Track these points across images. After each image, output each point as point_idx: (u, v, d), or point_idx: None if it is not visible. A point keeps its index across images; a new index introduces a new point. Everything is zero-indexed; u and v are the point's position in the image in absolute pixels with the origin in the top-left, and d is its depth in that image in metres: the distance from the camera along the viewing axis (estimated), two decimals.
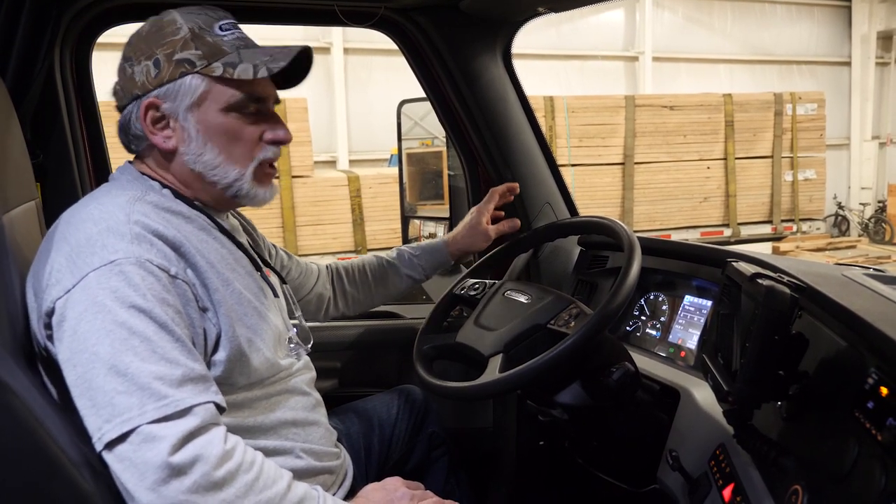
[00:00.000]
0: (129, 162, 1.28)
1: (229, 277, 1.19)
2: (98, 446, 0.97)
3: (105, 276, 1.02)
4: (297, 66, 1.27)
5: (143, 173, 1.23)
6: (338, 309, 1.79)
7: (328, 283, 1.76)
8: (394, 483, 1.28)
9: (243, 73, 1.18)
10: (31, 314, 1.11)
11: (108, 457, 0.97)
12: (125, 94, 1.21)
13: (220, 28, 1.21)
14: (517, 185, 1.95)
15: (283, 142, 1.27)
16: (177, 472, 0.95)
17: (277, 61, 1.19)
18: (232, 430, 1.14)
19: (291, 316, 1.45)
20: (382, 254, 1.85)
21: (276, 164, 1.32)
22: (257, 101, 1.24)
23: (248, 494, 1.00)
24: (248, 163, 1.24)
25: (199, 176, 1.23)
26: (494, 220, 1.90)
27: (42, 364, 1.11)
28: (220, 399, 1.07)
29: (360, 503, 1.26)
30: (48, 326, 1.06)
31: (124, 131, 1.24)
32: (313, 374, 1.42)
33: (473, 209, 1.88)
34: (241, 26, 1.27)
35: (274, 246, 1.65)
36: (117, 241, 1.06)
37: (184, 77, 1.18)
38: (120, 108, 1.24)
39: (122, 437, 0.96)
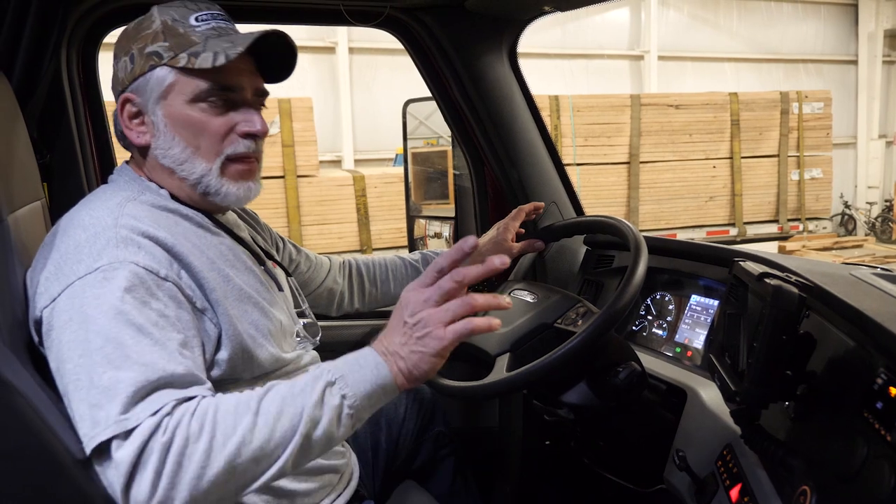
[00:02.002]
0: (126, 162, 1.27)
1: (229, 274, 1.18)
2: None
3: (90, 283, 1.01)
4: (284, 56, 1.23)
5: (141, 175, 1.22)
6: (353, 305, 1.77)
7: (340, 277, 1.74)
8: (404, 296, 1.08)
9: (204, 62, 1.14)
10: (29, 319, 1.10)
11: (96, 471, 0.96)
12: (115, 92, 1.22)
13: (196, 19, 1.18)
14: (543, 204, 1.92)
15: (256, 135, 1.21)
16: (134, 487, 0.92)
17: (236, 47, 1.14)
18: None
19: (297, 308, 1.44)
20: (406, 255, 1.83)
21: (254, 160, 1.24)
22: (227, 91, 1.18)
23: (210, 458, 0.92)
24: (215, 157, 1.19)
25: (170, 171, 1.20)
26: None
27: (46, 365, 1.10)
28: (204, 393, 1.00)
29: (377, 344, 1.06)
30: (38, 335, 1.05)
31: (117, 128, 1.25)
32: None
33: (500, 224, 1.83)
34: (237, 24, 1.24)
35: (282, 238, 1.63)
36: (103, 247, 1.04)
37: (153, 70, 1.16)
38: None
39: (95, 451, 0.94)
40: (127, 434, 0.92)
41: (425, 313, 1.01)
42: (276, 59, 1.24)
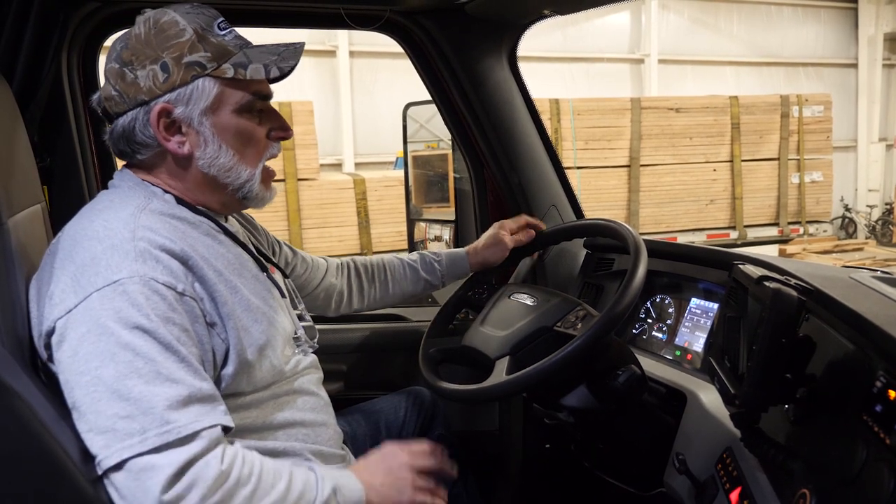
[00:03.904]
0: (126, 167, 1.24)
1: (237, 284, 1.18)
2: (98, 470, 0.96)
3: (108, 296, 1.01)
4: None
5: (144, 179, 1.21)
6: (351, 305, 1.77)
7: (337, 278, 1.74)
8: (391, 449, 1.30)
9: (255, 74, 1.17)
10: (33, 325, 1.10)
11: (107, 483, 0.97)
12: (126, 99, 1.15)
13: (219, 27, 1.19)
14: (543, 225, 1.89)
15: (288, 138, 1.28)
16: (175, 499, 0.95)
17: (287, 60, 1.19)
18: (241, 431, 1.14)
19: (296, 311, 1.44)
20: (404, 255, 1.83)
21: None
22: (263, 99, 1.23)
23: None
24: (258, 163, 1.24)
25: (212, 179, 1.21)
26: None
27: (47, 371, 1.10)
28: (228, 420, 1.06)
29: (358, 469, 1.25)
30: (48, 346, 1.05)
31: (126, 139, 1.18)
32: (321, 374, 1.41)
33: (496, 223, 1.84)
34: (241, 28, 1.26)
35: (278, 241, 1.63)
36: (121, 260, 1.04)
37: (195, 80, 1.15)
38: (114, 115, 1.18)
39: (121, 465, 0.95)
40: (182, 441, 0.97)
41: (409, 474, 1.25)
42: None
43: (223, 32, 1.19)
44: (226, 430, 1.06)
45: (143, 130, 1.17)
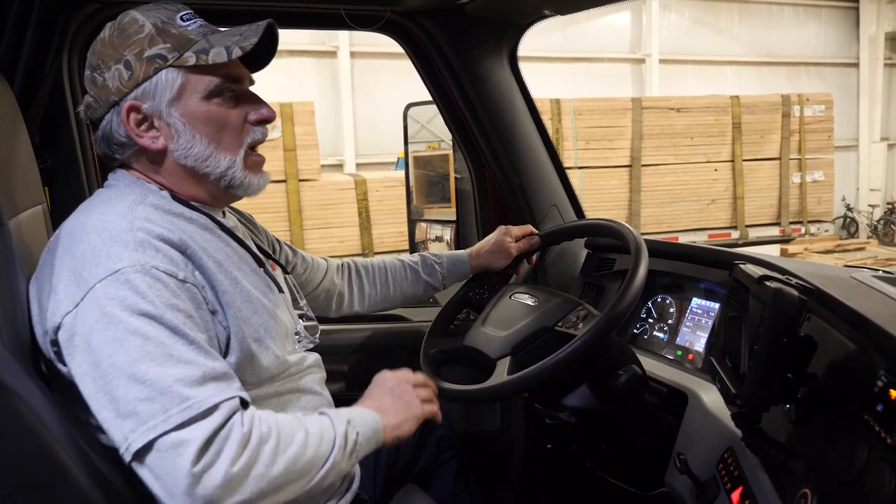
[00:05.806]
0: (121, 167, 1.25)
1: (237, 276, 1.19)
2: (127, 457, 0.97)
3: (112, 286, 1.01)
4: (266, 46, 1.25)
5: (139, 178, 1.22)
6: (352, 306, 1.77)
7: (338, 279, 1.75)
8: (382, 376, 1.34)
9: (217, 57, 1.15)
10: (34, 325, 1.10)
11: (138, 467, 0.97)
12: (101, 103, 1.19)
13: (182, 19, 1.19)
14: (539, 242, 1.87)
15: (268, 120, 1.25)
16: (206, 468, 0.96)
17: (248, 39, 1.18)
18: None
19: (297, 307, 1.44)
20: (405, 257, 1.84)
21: (260, 152, 1.29)
22: (235, 83, 1.21)
23: (275, 461, 1.02)
24: (238, 149, 1.23)
25: (191, 171, 1.21)
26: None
27: (49, 371, 1.10)
28: (244, 394, 1.06)
29: (363, 401, 1.28)
30: (55, 343, 1.05)
31: (106, 142, 1.21)
32: (324, 374, 1.41)
33: (501, 227, 1.85)
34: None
35: (278, 240, 1.63)
36: (121, 250, 1.05)
37: (158, 73, 1.16)
38: (95, 121, 1.21)
39: (150, 446, 0.96)
40: (204, 414, 0.98)
41: (409, 388, 1.32)
42: (258, 48, 1.23)
43: (186, 23, 1.19)
44: (244, 403, 1.06)
45: (117, 130, 1.19)
